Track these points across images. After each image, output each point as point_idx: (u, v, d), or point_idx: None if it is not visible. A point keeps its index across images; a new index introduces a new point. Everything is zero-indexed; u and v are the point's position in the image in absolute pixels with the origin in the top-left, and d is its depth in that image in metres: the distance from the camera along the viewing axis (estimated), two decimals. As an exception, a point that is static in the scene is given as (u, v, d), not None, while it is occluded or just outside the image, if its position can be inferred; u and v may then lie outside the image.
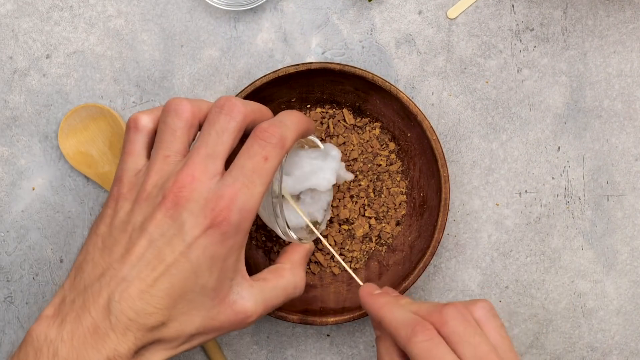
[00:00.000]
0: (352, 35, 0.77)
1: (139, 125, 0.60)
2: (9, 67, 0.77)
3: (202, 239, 0.56)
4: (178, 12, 0.77)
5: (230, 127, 0.58)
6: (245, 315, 0.59)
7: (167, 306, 0.56)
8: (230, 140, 0.58)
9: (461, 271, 0.77)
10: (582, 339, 0.78)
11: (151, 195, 0.57)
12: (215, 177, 0.57)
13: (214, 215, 0.56)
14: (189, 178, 0.56)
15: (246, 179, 0.57)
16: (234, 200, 0.56)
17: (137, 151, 0.60)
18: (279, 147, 0.58)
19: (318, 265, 0.76)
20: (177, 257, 0.56)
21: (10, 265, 0.77)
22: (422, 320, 0.57)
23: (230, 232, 0.56)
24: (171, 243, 0.56)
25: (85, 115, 0.76)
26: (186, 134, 0.59)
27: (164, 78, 0.77)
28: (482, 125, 0.77)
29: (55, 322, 0.55)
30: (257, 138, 0.58)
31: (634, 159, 0.77)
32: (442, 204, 0.72)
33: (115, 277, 0.55)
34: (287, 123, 0.60)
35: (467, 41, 0.77)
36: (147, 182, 0.58)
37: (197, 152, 0.57)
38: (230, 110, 0.59)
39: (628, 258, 0.78)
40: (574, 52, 0.77)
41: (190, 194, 0.56)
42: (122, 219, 0.58)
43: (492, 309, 0.59)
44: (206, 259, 0.56)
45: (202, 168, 0.57)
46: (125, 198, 0.58)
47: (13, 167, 0.77)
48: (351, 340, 0.77)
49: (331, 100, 0.76)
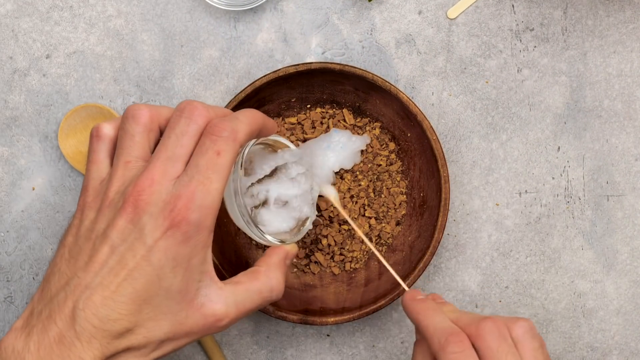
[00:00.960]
0: (352, 35, 0.77)
1: (101, 133, 0.61)
2: (9, 67, 0.77)
3: (163, 241, 0.55)
4: (178, 12, 0.77)
5: (191, 130, 0.58)
6: (215, 318, 0.58)
7: (131, 312, 0.55)
8: (190, 142, 0.58)
9: (461, 271, 0.77)
10: (582, 339, 0.78)
11: (113, 202, 0.57)
12: (175, 179, 0.57)
13: (173, 215, 0.55)
14: (148, 182, 0.56)
15: (201, 176, 0.56)
16: (192, 199, 0.56)
17: (100, 159, 0.60)
18: (231, 140, 0.58)
19: (318, 265, 0.76)
20: (139, 261, 0.55)
21: (10, 265, 0.77)
22: (457, 330, 0.57)
23: (190, 231, 0.56)
24: (133, 248, 0.56)
25: (85, 115, 0.76)
26: (145, 139, 0.59)
27: (164, 78, 0.77)
28: (482, 125, 0.77)
29: (22, 333, 0.55)
30: (208, 134, 0.58)
31: (634, 159, 0.77)
32: (442, 204, 0.72)
33: (79, 286, 0.55)
34: (239, 117, 0.59)
35: (467, 41, 0.77)
36: (110, 189, 0.58)
37: (157, 156, 0.58)
38: (191, 113, 0.58)
39: (628, 258, 0.78)
40: (574, 52, 0.77)
41: (150, 197, 0.56)
42: (87, 228, 0.58)
43: (532, 329, 0.58)
44: (168, 261, 0.56)
45: (161, 171, 0.57)
46: (90, 207, 0.59)
47: (13, 167, 0.77)
48: (351, 340, 0.77)
49: (331, 100, 0.76)
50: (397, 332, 0.77)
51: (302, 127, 0.76)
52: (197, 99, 0.77)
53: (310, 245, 0.76)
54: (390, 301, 0.72)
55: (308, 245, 0.76)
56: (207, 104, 0.60)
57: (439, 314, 0.59)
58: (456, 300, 0.77)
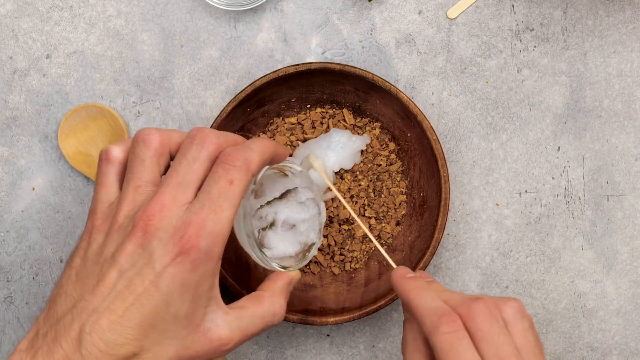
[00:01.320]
0: (352, 35, 0.77)
1: (110, 156, 0.61)
2: (9, 67, 0.77)
3: (172, 267, 0.55)
4: (178, 12, 0.77)
5: (202, 157, 0.58)
6: (221, 343, 0.58)
7: (138, 337, 0.55)
8: (201, 169, 0.58)
9: (461, 271, 0.77)
10: (582, 339, 0.78)
11: (122, 226, 0.57)
12: (185, 205, 0.57)
13: (183, 242, 0.55)
14: (158, 207, 0.56)
15: (213, 204, 0.56)
16: (202, 227, 0.56)
17: (109, 183, 0.60)
18: (244, 170, 0.58)
19: (318, 265, 0.76)
20: (147, 286, 0.55)
21: (10, 265, 0.77)
22: (449, 311, 0.57)
23: (200, 258, 0.56)
24: (141, 273, 0.56)
25: (85, 115, 0.76)
26: (156, 164, 0.59)
27: (164, 78, 0.77)
28: (482, 125, 0.77)
29: (27, 355, 0.55)
30: (221, 163, 0.58)
31: (634, 159, 0.77)
32: (442, 204, 0.72)
33: (86, 309, 0.55)
34: (252, 147, 0.60)
35: (467, 41, 0.77)
36: (119, 213, 0.58)
37: (167, 182, 0.58)
38: (203, 140, 0.58)
39: (628, 258, 0.78)
40: (574, 52, 0.77)
41: (160, 222, 0.56)
42: (95, 251, 0.58)
43: (522, 310, 0.58)
44: (177, 287, 0.56)
45: (172, 197, 0.57)
46: (98, 230, 0.59)
47: (13, 167, 0.77)
48: (351, 340, 0.77)
49: (331, 100, 0.76)
50: (397, 332, 0.77)
51: (302, 127, 0.76)
52: (197, 99, 0.77)
53: (310, 245, 0.76)
54: (390, 301, 0.72)
55: (308, 245, 0.76)
56: (218, 131, 0.60)
57: (429, 293, 0.59)
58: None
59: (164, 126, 0.77)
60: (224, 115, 0.72)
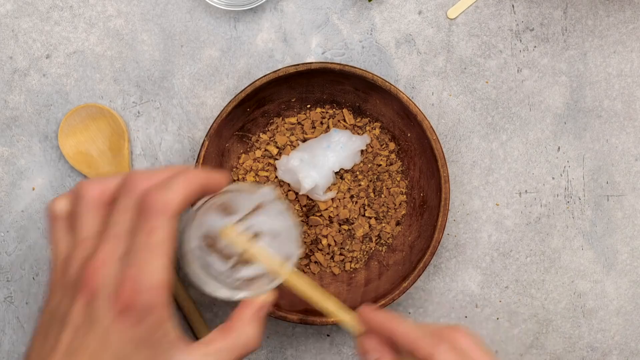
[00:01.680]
0: (352, 35, 0.77)
1: (55, 213, 0.60)
2: (9, 67, 0.77)
3: (117, 324, 0.55)
4: (178, 12, 0.77)
5: (130, 205, 0.57)
6: None
7: None
8: (132, 218, 0.57)
9: (461, 271, 0.77)
10: (582, 339, 0.78)
11: (72, 283, 0.57)
12: (122, 258, 0.56)
13: (122, 300, 0.55)
14: (98, 263, 0.56)
15: (138, 258, 0.55)
16: (137, 281, 0.55)
17: (59, 238, 0.60)
18: (161, 215, 0.56)
19: (318, 265, 0.76)
20: (99, 344, 0.55)
21: (10, 265, 0.77)
22: (439, 330, 0.58)
23: (142, 312, 0.55)
24: (92, 330, 0.55)
25: (85, 115, 0.76)
26: (97, 216, 0.58)
27: (164, 78, 0.77)
28: (482, 125, 0.77)
29: None
30: (141, 210, 0.57)
31: (634, 159, 0.77)
32: (442, 204, 0.72)
33: None
34: (172, 187, 0.58)
35: (467, 41, 0.77)
36: (68, 270, 0.58)
37: (105, 235, 0.57)
38: (129, 187, 0.58)
39: (628, 258, 0.78)
40: (574, 52, 0.77)
41: (102, 279, 0.55)
42: (53, 308, 0.58)
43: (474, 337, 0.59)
44: (127, 342, 0.55)
45: (110, 251, 0.56)
46: (56, 286, 0.58)
47: (13, 167, 0.77)
48: (351, 340, 0.77)
49: (331, 100, 0.76)
50: (397, 332, 0.77)
51: (302, 127, 0.76)
52: (197, 99, 0.77)
53: (310, 245, 0.76)
54: (390, 301, 0.72)
55: (308, 245, 0.76)
56: (150, 170, 0.59)
57: (403, 320, 0.59)
58: (456, 300, 0.77)
59: (164, 126, 0.77)
60: (224, 115, 0.72)
